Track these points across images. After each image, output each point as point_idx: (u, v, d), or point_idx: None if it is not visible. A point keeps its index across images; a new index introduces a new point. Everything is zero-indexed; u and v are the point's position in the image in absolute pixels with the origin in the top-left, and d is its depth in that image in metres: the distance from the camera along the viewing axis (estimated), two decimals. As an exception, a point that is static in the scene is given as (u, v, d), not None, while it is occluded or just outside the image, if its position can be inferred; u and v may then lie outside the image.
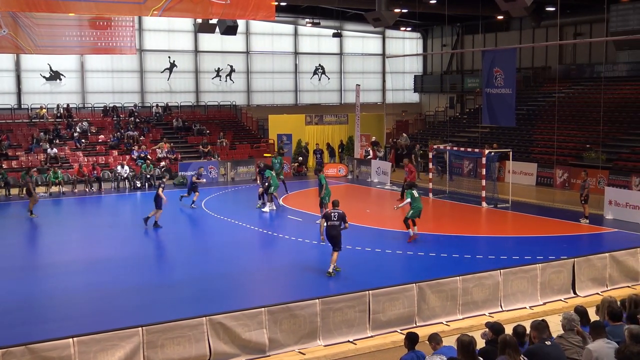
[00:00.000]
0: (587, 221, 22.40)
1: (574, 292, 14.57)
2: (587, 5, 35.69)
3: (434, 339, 8.98)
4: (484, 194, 26.05)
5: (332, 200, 17.55)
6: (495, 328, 9.18)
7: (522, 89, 39.90)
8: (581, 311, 9.47)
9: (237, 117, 43.32)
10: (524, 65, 43.15)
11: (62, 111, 38.09)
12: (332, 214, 16.47)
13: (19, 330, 12.49)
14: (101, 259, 18.40)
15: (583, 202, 22.59)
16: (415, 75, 50.74)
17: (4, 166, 32.24)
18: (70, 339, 10.32)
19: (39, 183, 30.78)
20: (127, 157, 34.78)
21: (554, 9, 34.97)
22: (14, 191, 30.33)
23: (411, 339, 9.13)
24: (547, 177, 30.85)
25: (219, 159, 35.88)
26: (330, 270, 16.27)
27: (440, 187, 28.86)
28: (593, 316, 9.61)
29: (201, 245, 20.50)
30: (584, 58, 40.74)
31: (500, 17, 39.59)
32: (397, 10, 34.89)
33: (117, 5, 19.63)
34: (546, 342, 8.19)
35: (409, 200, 19.83)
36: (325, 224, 16.50)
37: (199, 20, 36.12)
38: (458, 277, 13.50)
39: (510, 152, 28.17)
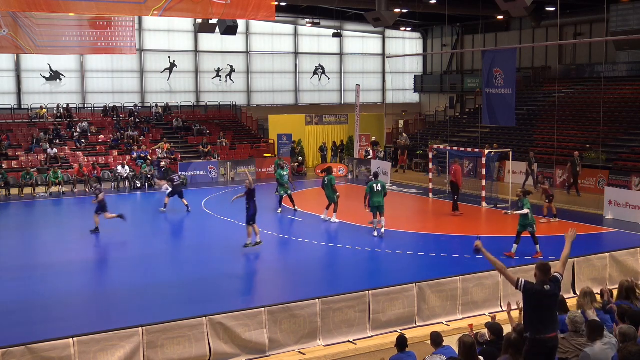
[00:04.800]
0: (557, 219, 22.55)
1: (574, 292, 14.58)
2: (587, 5, 35.69)
3: (435, 340, 9.05)
4: (483, 194, 26.06)
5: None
6: (494, 328, 9.22)
7: (522, 89, 39.90)
8: (588, 292, 9.72)
9: (237, 117, 43.32)
10: (524, 65, 43.16)
11: (62, 111, 38.11)
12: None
13: (19, 330, 12.49)
14: (101, 259, 18.41)
15: (548, 201, 22.56)
16: (415, 75, 50.73)
17: (4, 166, 32.24)
18: (70, 339, 10.34)
19: (39, 183, 30.83)
20: (127, 157, 34.80)
21: (554, 9, 34.97)
22: (14, 191, 30.33)
23: (400, 343, 9.31)
24: (546, 177, 30.80)
25: (219, 159, 35.89)
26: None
27: (440, 187, 28.85)
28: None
29: (201, 245, 20.49)
30: (584, 58, 40.74)
31: (500, 17, 39.59)
32: (397, 10, 34.90)
33: (118, 5, 19.61)
34: (545, 287, 8.22)
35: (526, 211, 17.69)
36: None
37: (199, 20, 36.12)
38: (458, 277, 13.52)
39: (510, 152, 28.16)
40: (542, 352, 8.01)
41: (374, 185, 20.34)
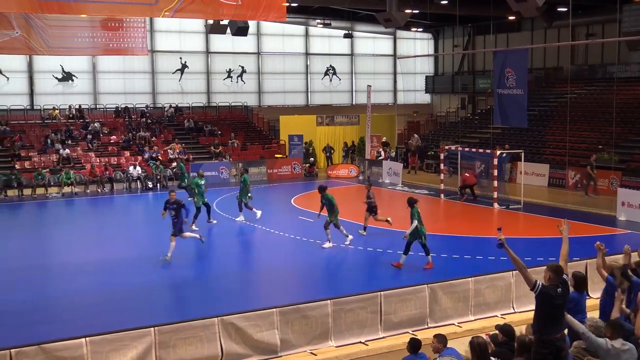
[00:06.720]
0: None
1: (587, 294, 14.47)
2: (600, 6, 35.52)
3: (441, 341, 9.04)
4: (495, 195, 25.98)
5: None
6: (505, 330, 9.19)
7: (533, 90, 39.72)
8: (579, 277, 9.98)
9: (249, 118, 43.38)
10: (536, 66, 42.97)
11: (74, 112, 38.28)
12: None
13: (32, 329, 12.56)
14: (113, 259, 18.44)
15: (373, 214, 20.95)
16: (426, 76, 50.65)
17: (17, 167, 32.43)
18: (83, 339, 10.37)
19: (52, 183, 30.99)
20: (139, 157, 34.90)
21: (565, 9, 34.79)
22: (27, 191, 30.49)
23: (413, 345, 9.30)
24: (559, 178, 30.72)
25: (231, 159, 35.93)
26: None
27: (451, 188, 28.75)
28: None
29: (212, 246, 20.53)
30: (596, 58, 40.55)
31: (511, 18, 39.46)
32: (408, 11, 34.80)
33: (129, 6, 19.62)
34: (558, 290, 8.22)
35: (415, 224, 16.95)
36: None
37: (210, 21, 36.16)
38: (470, 279, 13.46)
39: (522, 153, 28.07)
40: (550, 352, 8.03)
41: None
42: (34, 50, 31.81)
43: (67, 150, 34.24)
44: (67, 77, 39.90)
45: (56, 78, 39.66)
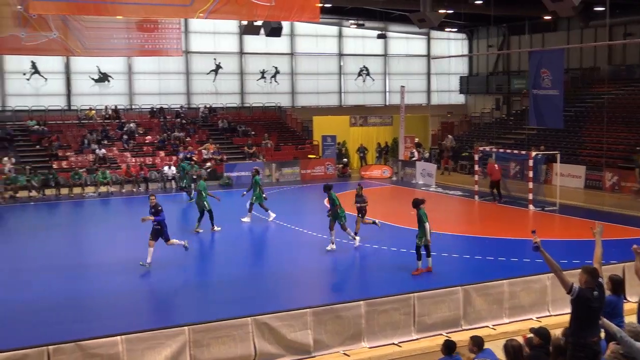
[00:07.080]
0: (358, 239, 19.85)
1: (624, 297, 14.25)
2: (637, 5, 34.94)
3: (476, 343, 8.97)
4: (531, 196, 25.69)
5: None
6: (541, 333, 9.07)
7: (569, 90, 39.20)
8: (616, 280, 9.66)
9: (282, 119, 43.51)
10: (572, 66, 42.43)
11: (110, 112, 38.76)
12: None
13: (69, 327, 12.73)
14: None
15: (360, 215, 20.03)
16: (460, 77, 50.33)
17: (55, 166, 32.92)
18: (119, 337, 10.51)
19: (88, 183, 31.42)
20: (174, 157, 35.20)
21: (602, 8, 34.30)
22: (64, 191, 30.93)
23: (448, 347, 9.25)
24: (595, 180, 30.28)
25: (264, 160, 36.07)
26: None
27: (485, 189, 28.49)
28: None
29: (245, 246, 20.62)
30: (634, 58, 39.89)
31: (547, 18, 39.02)
32: (442, 11, 34.58)
33: (164, 7, 19.79)
34: (594, 293, 8.13)
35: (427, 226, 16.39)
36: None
37: (244, 22, 36.33)
38: (505, 281, 13.35)
39: (558, 155, 27.73)
40: (586, 356, 7.93)
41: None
42: (71, 51, 32.18)
43: (103, 150, 34.69)
44: (103, 78, 40.42)
45: (92, 79, 40.19)
